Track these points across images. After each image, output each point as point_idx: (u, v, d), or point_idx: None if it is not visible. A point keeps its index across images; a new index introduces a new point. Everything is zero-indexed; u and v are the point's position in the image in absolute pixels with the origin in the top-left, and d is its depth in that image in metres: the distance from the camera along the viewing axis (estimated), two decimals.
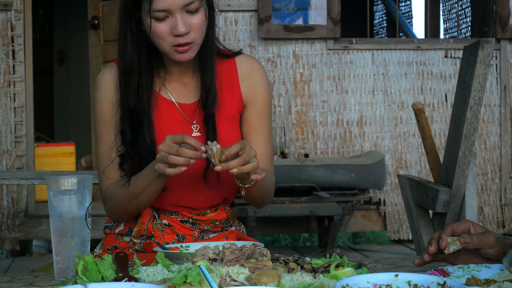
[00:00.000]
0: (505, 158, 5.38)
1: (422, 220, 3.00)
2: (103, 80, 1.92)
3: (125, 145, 1.87)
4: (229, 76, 1.95)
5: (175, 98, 1.92)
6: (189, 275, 1.27)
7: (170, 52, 1.83)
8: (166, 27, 1.79)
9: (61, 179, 1.53)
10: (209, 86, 1.89)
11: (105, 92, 1.91)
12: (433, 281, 1.28)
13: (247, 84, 1.96)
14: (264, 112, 1.98)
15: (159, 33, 1.80)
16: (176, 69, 1.92)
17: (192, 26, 1.80)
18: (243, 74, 1.97)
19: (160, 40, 1.81)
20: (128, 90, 1.86)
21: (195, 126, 1.91)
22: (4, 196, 4.82)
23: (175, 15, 1.78)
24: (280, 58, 5.18)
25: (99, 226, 4.61)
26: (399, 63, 5.31)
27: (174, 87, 1.93)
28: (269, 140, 1.99)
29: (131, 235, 1.93)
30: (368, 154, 4.94)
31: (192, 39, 1.81)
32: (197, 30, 1.81)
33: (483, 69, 2.71)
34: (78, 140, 6.27)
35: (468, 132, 2.77)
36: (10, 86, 4.81)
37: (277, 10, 5.20)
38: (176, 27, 1.78)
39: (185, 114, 1.91)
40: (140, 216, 1.93)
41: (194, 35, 1.81)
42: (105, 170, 1.89)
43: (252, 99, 1.96)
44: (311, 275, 1.39)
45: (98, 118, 1.92)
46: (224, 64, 1.96)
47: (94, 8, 5.56)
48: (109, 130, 1.90)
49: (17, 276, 1.53)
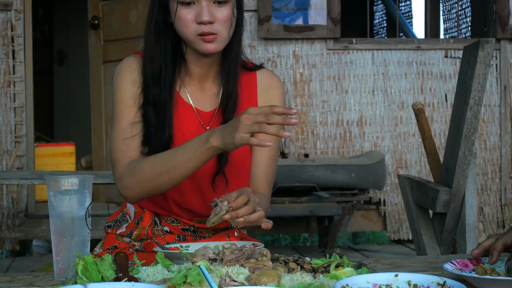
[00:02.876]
0: (505, 158, 5.38)
1: (422, 220, 3.00)
2: (127, 64, 1.88)
3: (148, 128, 1.83)
4: (248, 89, 1.93)
5: (193, 102, 1.89)
6: (189, 275, 1.27)
7: (195, 41, 1.80)
8: (191, 14, 1.78)
9: (61, 179, 1.52)
10: (231, 92, 1.87)
11: (128, 75, 1.87)
12: (433, 281, 1.28)
13: (264, 99, 1.94)
14: None
15: (183, 19, 1.79)
16: (197, 71, 1.89)
17: (217, 18, 1.79)
18: (262, 89, 1.95)
19: (184, 28, 1.80)
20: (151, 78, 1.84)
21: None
22: (4, 196, 4.82)
23: (201, 3, 1.78)
24: (280, 58, 5.18)
25: (99, 226, 4.62)
26: (399, 63, 5.31)
27: (193, 90, 1.90)
28: (274, 159, 1.95)
29: (131, 238, 1.93)
30: (368, 154, 4.94)
31: (216, 30, 1.79)
32: (222, 23, 1.79)
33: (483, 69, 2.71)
34: (78, 140, 6.26)
35: (468, 132, 2.77)
36: (10, 86, 4.81)
37: (277, 10, 5.19)
38: (200, 15, 1.77)
39: (202, 120, 1.89)
40: (141, 221, 1.92)
41: (219, 26, 1.79)
42: (126, 140, 1.84)
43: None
44: (311, 275, 1.39)
45: (118, 98, 1.87)
46: (245, 76, 1.93)
47: (94, 8, 5.56)
48: (129, 109, 1.85)
49: (17, 276, 1.53)
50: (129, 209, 1.97)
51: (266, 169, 1.93)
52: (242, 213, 1.58)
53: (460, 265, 1.45)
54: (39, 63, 7.01)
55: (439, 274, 1.43)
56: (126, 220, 1.96)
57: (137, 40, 4.78)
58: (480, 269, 1.41)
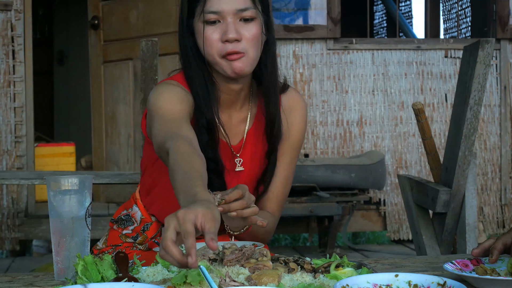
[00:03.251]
0: (505, 158, 5.38)
1: (422, 220, 3.00)
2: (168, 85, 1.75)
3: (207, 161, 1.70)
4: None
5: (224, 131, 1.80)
6: (189, 275, 1.27)
7: (220, 63, 1.71)
8: (217, 33, 1.70)
9: (61, 179, 1.52)
10: (274, 114, 1.79)
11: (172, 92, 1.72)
12: (433, 281, 1.28)
13: (286, 121, 1.87)
14: (292, 151, 1.90)
15: (208, 39, 1.70)
16: (225, 98, 1.80)
17: (244, 35, 1.69)
18: (285, 111, 1.87)
19: (209, 49, 1.71)
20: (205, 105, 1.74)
21: (239, 159, 1.84)
22: (4, 196, 4.81)
23: (227, 20, 1.69)
24: (280, 58, 5.18)
25: (99, 226, 4.62)
26: (399, 63, 5.31)
27: (224, 120, 1.81)
28: (287, 181, 1.90)
29: (135, 241, 1.92)
30: (368, 154, 4.94)
31: (243, 49, 1.70)
32: (249, 41, 1.70)
33: (483, 69, 2.71)
34: (78, 140, 6.26)
35: (468, 132, 2.77)
36: (10, 86, 4.81)
37: (277, 10, 5.19)
38: (226, 32, 1.68)
39: (233, 148, 1.83)
40: (147, 229, 1.91)
41: (246, 45, 1.70)
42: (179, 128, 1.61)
43: (285, 136, 1.88)
44: (311, 275, 1.39)
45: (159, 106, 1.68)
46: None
47: (94, 8, 5.56)
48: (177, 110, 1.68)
49: (17, 276, 1.53)
50: (136, 212, 1.94)
51: (276, 191, 1.89)
52: (235, 207, 1.53)
53: (460, 265, 1.46)
54: (39, 63, 7.01)
55: (439, 274, 1.43)
56: (132, 222, 1.94)
57: (137, 40, 4.77)
58: (480, 269, 1.41)
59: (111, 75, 5.44)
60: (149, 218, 1.93)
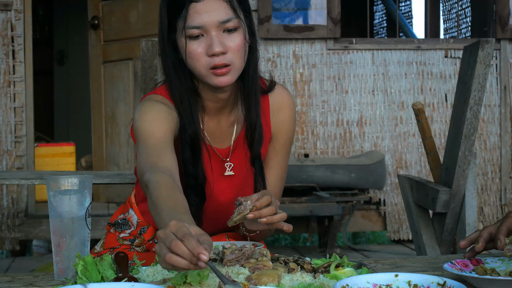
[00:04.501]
0: (505, 158, 5.38)
1: (422, 220, 3.00)
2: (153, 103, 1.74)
3: (188, 179, 1.73)
4: (263, 113, 1.85)
5: (212, 141, 1.81)
6: (189, 275, 1.27)
7: (207, 76, 1.69)
8: (201, 47, 1.67)
9: (61, 179, 1.52)
10: (254, 122, 1.77)
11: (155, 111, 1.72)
12: (433, 281, 1.28)
13: (276, 120, 1.88)
14: (284, 148, 1.90)
15: (193, 54, 1.68)
16: (212, 106, 1.79)
17: (230, 47, 1.67)
18: (273, 110, 1.87)
19: (195, 63, 1.69)
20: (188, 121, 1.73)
21: (229, 164, 1.83)
22: (4, 196, 4.81)
23: (210, 34, 1.66)
24: (280, 58, 5.18)
25: (99, 226, 4.62)
26: (399, 63, 5.31)
27: (210, 127, 1.81)
28: (282, 179, 1.92)
29: (133, 244, 1.92)
30: (368, 154, 4.94)
31: (230, 60, 1.68)
32: (235, 52, 1.68)
33: (483, 69, 2.71)
34: (78, 140, 6.27)
35: (468, 132, 2.77)
36: (10, 86, 4.81)
37: (277, 10, 5.19)
38: (211, 46, 1.66)
39: (220, 154, 1.82)
40: (144, 232, 1.92)
41: (231, 56, 1.68)
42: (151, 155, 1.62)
43: (276, 134, 1.88)
44: (311, 275, 1.39)
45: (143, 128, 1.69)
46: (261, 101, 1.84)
47: (94, 8, 5.56)
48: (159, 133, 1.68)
49: (17, 276, 1.53)
50: (132, 216, 1.95)
51: (273, 190, 1.89)
52: (266, 213, 1.56)
53: (460, 265, 1.46)
54: (39, 63, 7.01)
55: (439, 274, 1.43)
56: (129, 226, 1.94)
57: (137, 40, 4.77)
58: (480, 269, 1.41)
59: (111, 75, 5.44)
60: (145, 222, 1.93)
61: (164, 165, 1.58)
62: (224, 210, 1.79)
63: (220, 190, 1.81)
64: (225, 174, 1.82)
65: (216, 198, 1.81)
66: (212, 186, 1.79)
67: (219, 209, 1.81)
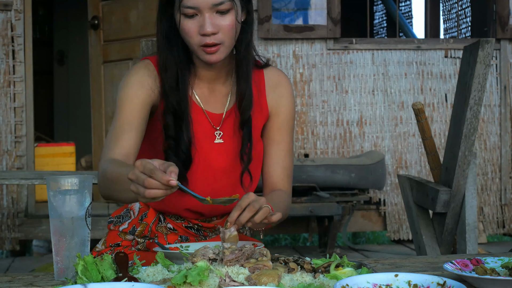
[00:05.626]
0: (505, 158, 5.38)
1: (422, 220, 3.00)
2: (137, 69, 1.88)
3: (168, 140, 1.84)
4: (257, 87, 1.94)
5: (204, 105, 1.90)
6: (189, 275, 1.27)
7: (198, 51, 1.81)
8: (195, 26, 1.77)
9: (61, 179, 1.52)
10: (244, 91, 1.87)
11: (136, 77, 1.86)
12: (433, 281, 1.28)
13: (274, 96, 1.95)
14: (287, 124, 1.97)
15: (187, 31, 1.78)
16: (206, 74, 1.90)
17: (221, 27, 1.77)
18: (270, 86, 1.96)
19: (188, 39, 1.80)
20: (169, 84, 1.84)
21: (218, 132, 1.90)
22: (4, 196, 4.82)
23: (204, 14, 1.76)
24: (280, 58, 5.18)
25: (99, 226, 4.62)
26: (399, 63, 5.31)
27: (203, 92, 1.90)
28: (289, 154, 1.97)
29: (135, 234, 1.93)
30: (368, 154, 4.94)
31: (220, 40, 1.78)
32: (226, 32, 1.78)
33: (483, 69, 2.71)
34: (78, 140, 6.26)
35: (468, 132, 2.77)
36: (10, 86, 4.81)
37: (277, 10, 5.19)
38: (203, 26, 1.76)
39: (212, 121, 1.89)
40: (145, 217, 1.93)
41: (222, 36, 1.78)
42: (109, 145, 1.79)
43: (276, 111, 1.96)
44: (311, 275, 1.39)
45: (121, 98, 1.84)
46: (255, 74, 1.94)
47: (94, 8, 5.56)
48: (130, 109, 1.82)
49: (17, 276, 1.53)
50: (134, 205, 1.98)
51: (283, 164, 1.95)
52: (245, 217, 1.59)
53: (460, 265, 1.45)
54: (39, 63, 7.01)
55: (439, 274, 1.43)
56: (129, 216, 1.97)
57: (137, 40, 4.77)
58: (480, 269, 1.41)
59: (111, 75, 5.44)
60: (146, 207, 1.96)
61: (120, 151, 1.77)
62: (215, 176, 1.87)
63: (212, 156, 1.88)
64: (215, 142, 1.88)
65: (207, 164, 1.88)
66: (199, 151, 1.86)
67: (210, 174, 1.88)
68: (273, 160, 1.95)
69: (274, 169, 1.95)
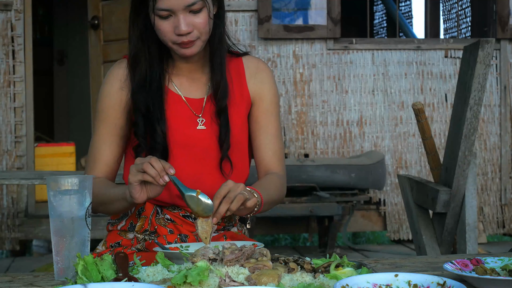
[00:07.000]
0: (505, 158, 5.38)
1: (422, 220, 3.00)
2: (111, 74, 1.96)
3: (137, 137, 1.90)
4: (237, 74, 1.99)
5: (183, 93, 1.95)
6: (189, 275, 1.27)
7: (173, 47, 1.87)
8: (169, 26, 1.84)
9: (61, 179, 1.52)
10: (218, 81, 1.92)
11: (110, 86, 1.94)
12: (433, 281, 1.28)
13: (255, 82, 2.00)
14: (272, 108, 2.01)
15: (162, 31, 1.85)
16: (184, 65, 1.96)
17: (195, 25, 1.84)
18: (250, 73, 2.01)
19: (163, 37, 1.86)
20: (138, 82, 1.90)
21: (201, 119, 1.94)
22: (4, 196, 4.82)
23: (178, 15, 1.82)
24: (280, 58, 5.18)
25: (99, 226, 4.62)
26: (399, 63, 5.31)
27: (182, 81, 1.96)
28: (278, 137, 2.01)
29: (134, 231, 1.93)
30: (368, 154, 4.94)
31: (195, 37, 1.85)
32: (200, 29, 1.85)
33: (483, 69, 2.71)
34: (78, 140, 6.26)
35: (468, 132, 2.77)
36: (10, 86, 4.81)
37: (277, 10, 5.19)
38: (178, 27, 1.82)
39: (192, 108, 1.94)
40: (143, 211, 1.94)
41: (197, 33, 1.85)
42: (90, 160, 1.93)
43: (259, 96, 2.00)
44: (311, 275, 1.39)
45: (98, 109, 1.95)
46: (233, 63, 2.00)
47: (94, 8, 5.56)
48: (105, 122, 1.93)
49: (17, 276, 1.53)
50: None
51: (273, 148, 1.99)
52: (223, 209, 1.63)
53: (460, 265, 1.45)
54: (39, 63, 7.01)
55: (439, 274, 1.43)
56: (126, 214, 1.97)
57: None
58: (480, 269, 1.41)
59: None
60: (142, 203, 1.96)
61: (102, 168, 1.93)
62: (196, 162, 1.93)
63: (193, 142, 1.93)
64: (197, 128, 1.93)
65: (189, 150, 1.93)
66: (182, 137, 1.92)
67: (191, 159, 1.92)
68: (262, 145, 1.99)
69: (264, 153, 1.99)
